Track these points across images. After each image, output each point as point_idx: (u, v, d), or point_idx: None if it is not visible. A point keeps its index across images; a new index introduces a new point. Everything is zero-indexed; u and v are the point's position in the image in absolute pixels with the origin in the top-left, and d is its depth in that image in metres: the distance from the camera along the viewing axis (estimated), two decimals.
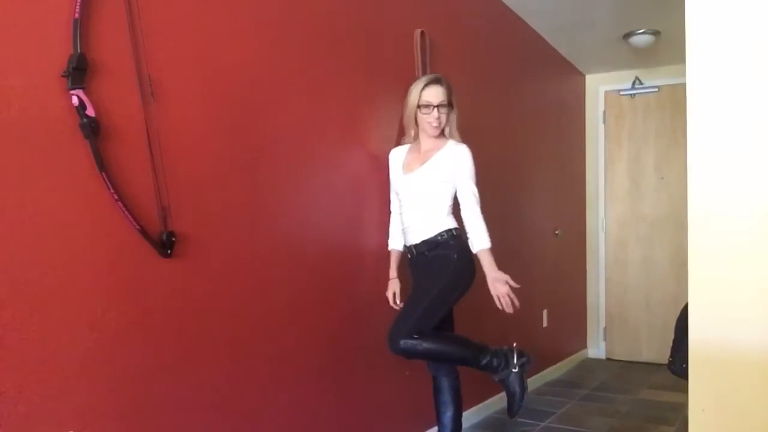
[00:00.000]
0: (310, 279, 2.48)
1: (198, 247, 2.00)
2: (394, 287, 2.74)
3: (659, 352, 4.94)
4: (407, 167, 2.66)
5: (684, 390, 1.76)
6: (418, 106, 2.62)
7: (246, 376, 2.17)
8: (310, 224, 2.49)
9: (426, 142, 2.67)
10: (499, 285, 2.47)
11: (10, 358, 1.52)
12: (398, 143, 2.82)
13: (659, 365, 4.66)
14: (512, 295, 2.46)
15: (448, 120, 2.66)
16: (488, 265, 2.50)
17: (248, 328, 2.19)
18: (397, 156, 2.74)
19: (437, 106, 2.59)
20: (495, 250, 2.55)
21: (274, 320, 2.30)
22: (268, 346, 2.27)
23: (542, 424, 3.61)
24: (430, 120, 2.60)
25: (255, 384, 2.21)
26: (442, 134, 2.67)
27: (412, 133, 2.71)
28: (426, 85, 2.62)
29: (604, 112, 5.55)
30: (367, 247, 2.79)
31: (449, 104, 2.64)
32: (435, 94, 2.60)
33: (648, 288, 5.36)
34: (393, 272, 2.76)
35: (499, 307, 2.46)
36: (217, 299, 2.07)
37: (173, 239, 1.89)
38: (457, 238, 2.56)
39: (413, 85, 2.68)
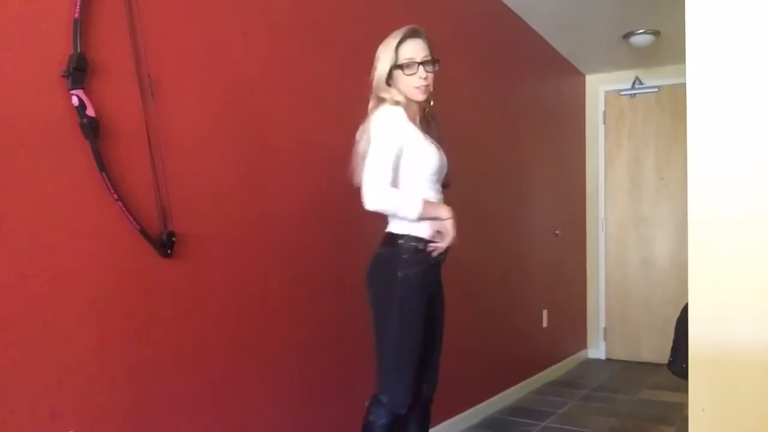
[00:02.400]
0: (311, 278, 2.48)
1: (198, 247, 2.01)
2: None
3: (659, 352, 4.94)
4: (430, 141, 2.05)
5: (684, 390, 1.76)
6: (396, 67, 2.01)
7: (246, 375, 2.18)
8: (310, 224, 2.49)
9: (412, 110, 2.07)
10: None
11: (10, 357, 1.53)
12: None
13: (659, 365, 4.66)
14: None
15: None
16: None
17: (248, 327, 2.19)
18: (409, 123, 2.02)
19: (422, 63, 2.01)
20: (494, 250, 2.54)
21: (274, 319, 2.30)
22: (269, 346, 2.27)
23: (542, 424, 3.61)
24: (417, 83, 2.01)
25: (255, 383, 2.21)
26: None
27: (396, 99, 2.03)
28: (403, 40, 2.02)
29: (604, 112, 5.55)
30: (369, 246, 2.78)
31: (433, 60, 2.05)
32: (417, 48, 2.02)
33: (648, 288, 5.36)
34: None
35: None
36: (216, 299, 2.08)
37: (173, 239, 1.89)
38: None
39: (382, 45, 2.06)
